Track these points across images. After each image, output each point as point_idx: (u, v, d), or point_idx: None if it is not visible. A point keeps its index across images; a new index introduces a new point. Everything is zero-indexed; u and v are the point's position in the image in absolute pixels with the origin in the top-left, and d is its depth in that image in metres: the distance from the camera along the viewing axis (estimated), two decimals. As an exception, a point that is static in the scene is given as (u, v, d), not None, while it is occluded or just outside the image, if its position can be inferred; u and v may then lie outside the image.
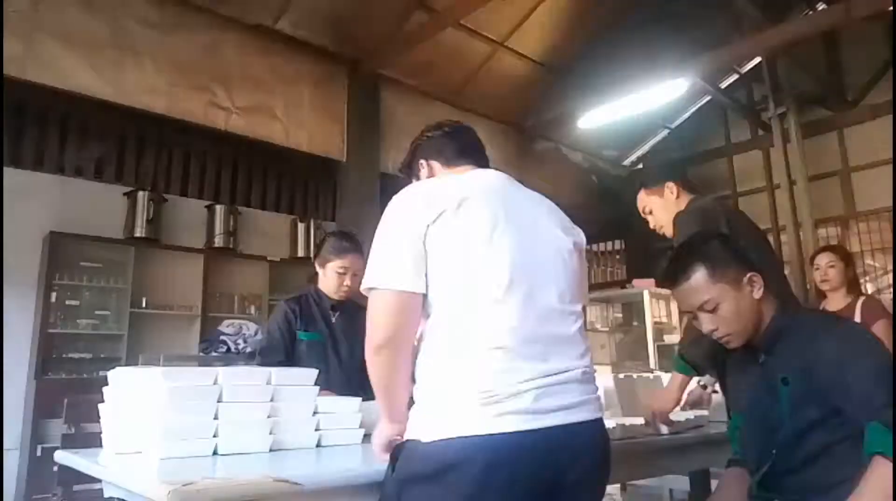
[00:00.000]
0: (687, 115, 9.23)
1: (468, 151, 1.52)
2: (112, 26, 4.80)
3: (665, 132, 9.46)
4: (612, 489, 5.02)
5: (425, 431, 1.18)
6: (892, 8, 5.18)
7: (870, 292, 7.41)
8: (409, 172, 1.60)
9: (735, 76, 8.59)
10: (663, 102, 6.87)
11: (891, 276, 7.08)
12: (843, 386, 1.33)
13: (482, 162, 1.51)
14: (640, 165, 9.72)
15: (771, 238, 8.06)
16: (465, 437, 1.13)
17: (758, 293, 1.48)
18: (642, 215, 2.46)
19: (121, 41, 4.83)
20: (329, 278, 2.44)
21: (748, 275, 1.48)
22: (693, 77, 6.57)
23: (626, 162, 9.62)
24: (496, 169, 1.47)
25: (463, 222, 1.24)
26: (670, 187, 2.33)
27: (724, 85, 8.46)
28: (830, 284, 3.28)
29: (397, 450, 1.25)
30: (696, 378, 2.23)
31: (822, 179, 7.66)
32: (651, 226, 2.44)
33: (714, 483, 2.61)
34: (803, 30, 6.08)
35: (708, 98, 8.71)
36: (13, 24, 4.30)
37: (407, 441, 1.23)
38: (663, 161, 8.66)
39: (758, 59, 7.75)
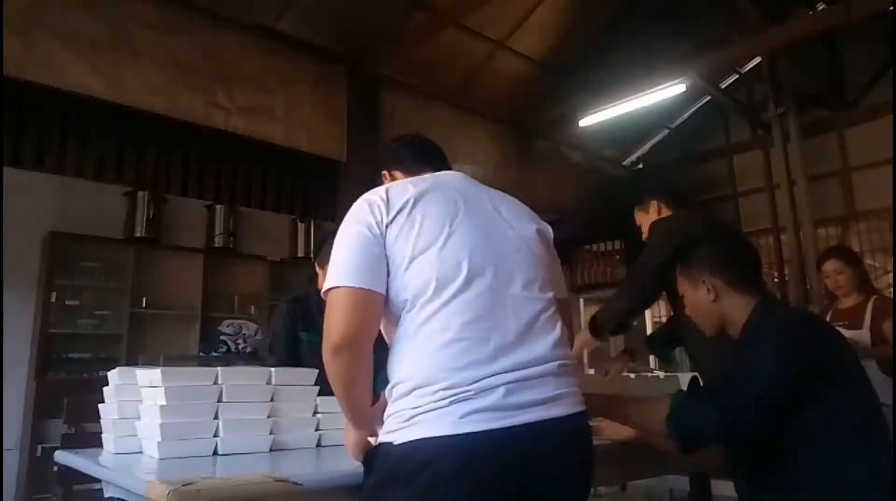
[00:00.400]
0: (687, 115, 9.23)
1: (427, 158, 1.51)
2: (112, 26, 4.80)
3: (665, 132, 9.46)
4: (613, 488, 5.01)
5: (397, 433, 1.16)
6: (892, 8, 5.18)
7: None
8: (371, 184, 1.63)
9: (735, 76, 8.59)
10: (663, 102, 6.87)
11: (891, 276, 7.07)
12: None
13: (442, 167, 1.49)
14: (640, 166, 9.73)
15: (771, 238, 8.08)
16: (435, 437, 1.10)
17: (710, 296, 1.65)
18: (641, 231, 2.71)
19: (121, 41, 4.83)
20: None
21: (702, 279, 1.67)
22: (693, 77, 6.56)
23: (626, 162, 9.63)
24: (455, 170, 1.47)
25: (419, 219, 1.24)
26: (655, 205, 2.60)
27: (724, 85, 8.47)
28: (843, 290, 3.26)
29: (370, 455, 1.22)
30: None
31: (822, 179, 7.65)
32: (644, 239, 2.67)
33: (714, 484, 2.61)
34: (803, 30, 6.08)
35: (708, 98, 8.71)
36: (13, 24, 4.30)
37: (380, 444, 1.20)
38: (656, 173, 8.74)
39: (758, 60, 7.75)
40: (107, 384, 1.69)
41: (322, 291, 1.24)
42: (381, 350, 1.27)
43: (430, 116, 6.80)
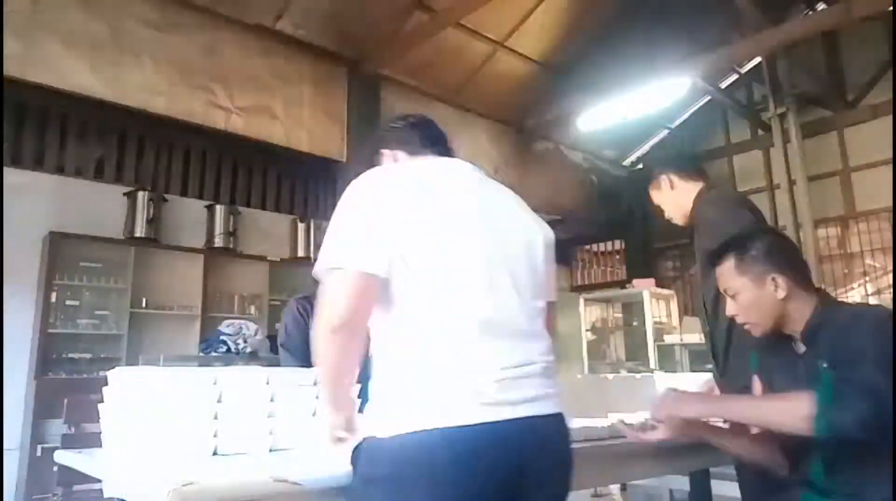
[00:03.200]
0: (687, 115, 9.23)
1: (433, 142, 1.47)
2: (112, 26, 4.80)
3: (665, 132, 9.47)
4: (613, 488, 5.02)
5: (384, 426, 1.12)
6: (892, 8, 5.19)
7: (870, 292, 7.41)
8: (369, 166, 1.50)
9: (735, 76, 8.59)
10: (663, 102, 6.87)
11: (891, 276, 7.07)
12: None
13: (447, 153, 1.47)
14: (640, 166, 9.73)
15: (771, 238, 8.07)
16: (426, 431, 1.08)
17: (781, 294, 1.55)
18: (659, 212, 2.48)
19: (121, 41, 4.83)
20: None
21: (771, 276, 1.55)
22: (693, 77, 6.57)
23: (626, 162, 9.63)
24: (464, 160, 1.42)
25: (431, 208, 1.20)
26: (664, 179, 2.36)
27: (724, 85, 8.47)
28: None
29: (357, 450, 1.19)
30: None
31: (822, 179, 7.66)
32: (666, 218, 2.46)
33: (714, 484, 2.61)
34: (803, 30, 6.09)
35: (708, 98, 8.72)
36: (13, 24, 4.31)
37: (365, 438, 1.17)
38: (661, 154, 8.65)
39: (758, 60, 7.76)
40: (107, 384, 1.69)
41: (318, 267, 1.19)
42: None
43: (430, 117, 6.79)
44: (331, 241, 1.19)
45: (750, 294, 1.58)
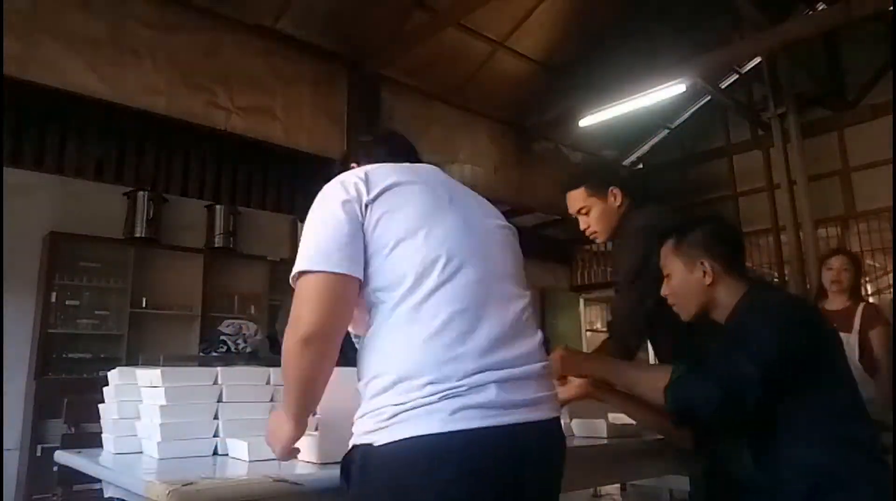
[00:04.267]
0: (687, 115, 9.23)
1: (400, 153, 1.44)
2: (112, 26, 4.80)
3: (665, 132, 9.47)
4: (613, 488, 5.02)
5: (377, 434, 1.05)
6: (892, 8, 5.18)
7: (869, 292, 7.41)
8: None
9: (735, 76, 8.59)
10: (663, 102, 6.87)
11: (891, 276, 7.07)
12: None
13: (414, 161, 1.44)
14: (640, 166, 9.73)
15: (771, 238, 8.08)
16: (425, 436, 1.01)
17: (707, 279, 1.61)
18: (574, 213, 2.24)
19: (121, 41, 4.83)
20: None
21: (699, 260, 1.62)
22: (693, 77, 6.56)
23: (626, 162, 9.62)
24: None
25: (404, 201, 1.17)
26: (614, 193, 2.17)
27: (724, 85, 8.46)
28: (841, 285, 3.30)
29: (348, 460, 1.12)
30: None
31: (822, 179, 7.66)
32: (581, 227, 2.24)
33: (714, 483, 2.60)
34: (803, 30, 6.08)
35: (708, 98, 8.71)
36: (13, 24, 4.31)
37: (357, 446, 1.10)
38: (604, 163, 8.51)
39: (758, 60, 7.75)
40: (107, 384, 1.69)
41: (293, 272, 1.13)
42: (353, 349, 1.20)
43: (430, 116, 6.80)
44: (303, 244, 1.14)
45: (680, 278, 1.65)
